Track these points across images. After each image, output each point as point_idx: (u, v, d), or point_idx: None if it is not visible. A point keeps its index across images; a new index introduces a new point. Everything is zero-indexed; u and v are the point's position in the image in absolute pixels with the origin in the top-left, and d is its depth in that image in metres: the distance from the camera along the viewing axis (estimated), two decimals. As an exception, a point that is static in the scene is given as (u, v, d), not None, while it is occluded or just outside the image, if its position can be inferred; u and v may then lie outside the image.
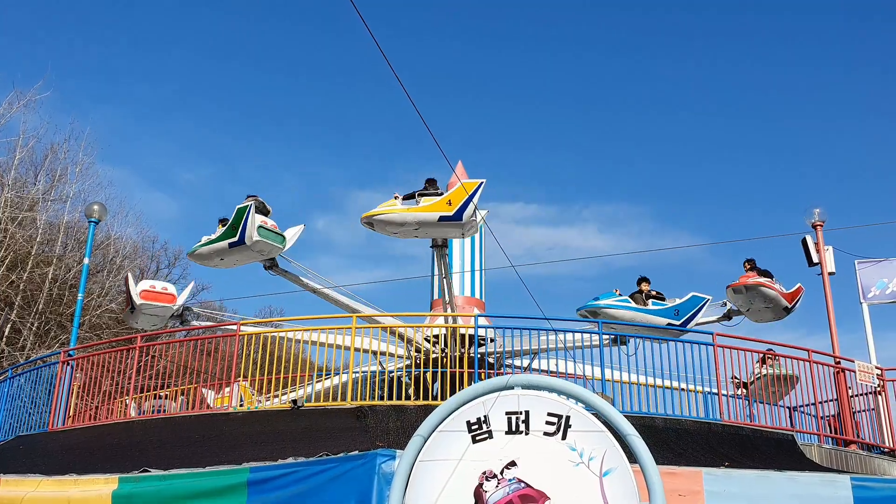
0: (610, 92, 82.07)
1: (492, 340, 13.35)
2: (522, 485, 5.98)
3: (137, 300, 14.76)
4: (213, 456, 9.27)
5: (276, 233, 14.08)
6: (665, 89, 78.47)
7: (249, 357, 11.47)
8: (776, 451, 10.81)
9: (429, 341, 13.80)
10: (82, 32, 64.53)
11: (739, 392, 12.31)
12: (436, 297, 15.90)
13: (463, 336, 12.81)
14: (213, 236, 14.17)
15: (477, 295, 15.77)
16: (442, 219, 12.70)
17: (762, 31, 77.13)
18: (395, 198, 13.05)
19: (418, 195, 12.99)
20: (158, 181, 62.87)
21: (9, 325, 25.48)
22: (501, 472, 6.02)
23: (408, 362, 13.90)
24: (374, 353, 13.63)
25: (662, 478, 5.93)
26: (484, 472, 6.03)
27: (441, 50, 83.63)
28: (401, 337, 14.08)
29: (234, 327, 12.39)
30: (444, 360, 11.89)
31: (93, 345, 17.21)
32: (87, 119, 61.78)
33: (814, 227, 14.98)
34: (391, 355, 13.99)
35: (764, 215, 71.47)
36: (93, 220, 16.45)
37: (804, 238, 15.04)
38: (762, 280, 14.70)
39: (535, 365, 14.17)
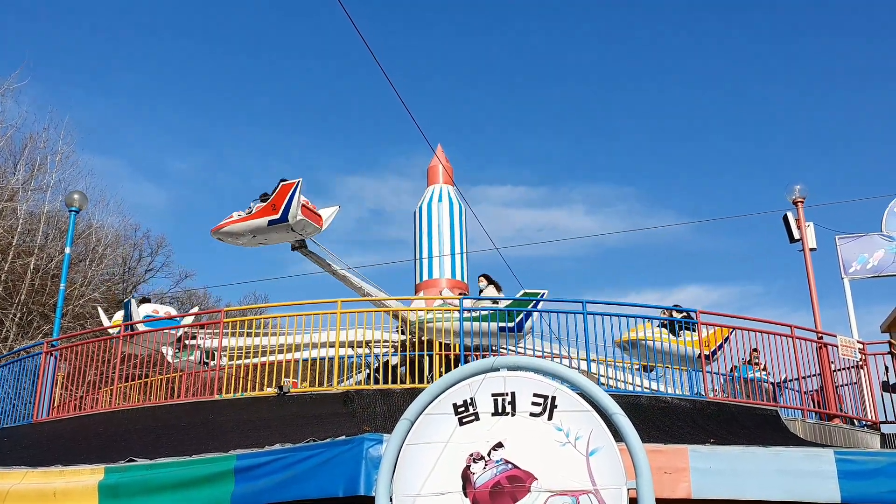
0: (594, 73, 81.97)
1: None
2: (510, 465, 5.99)
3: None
4: (200, 444, 9.23)
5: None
6: (649, 69, 78.44)
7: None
8: (761, 427, 10.90)
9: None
10: (69, 22, 63.72)
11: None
12: (419, 280, 15.88)
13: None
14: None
15: (458, 277, 15.75)
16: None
17: (742, 4, 77.16)
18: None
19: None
20: (147, 170, 62.37)
21: (-9, 317, 25.28)
22: (489, 454, 6.03)
23: (395, 345, 13.85)
24: (361, 331, 13.57)
25: (648, 455, 5.95)
26: (471, 454, 6.03)
27: (426, 33, 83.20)
28: (396, 317, 13.98)
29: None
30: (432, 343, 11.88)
31: (76, 335, 17.08)
32: (78, 109, 61.23)
33: (794, 203, 15.07)
34: (377, 342, 13.92)
35: (745, 192, 71.78)
36: (73, 209, 16.28)
37: (785, 214, 15.14)
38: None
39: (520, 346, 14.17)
